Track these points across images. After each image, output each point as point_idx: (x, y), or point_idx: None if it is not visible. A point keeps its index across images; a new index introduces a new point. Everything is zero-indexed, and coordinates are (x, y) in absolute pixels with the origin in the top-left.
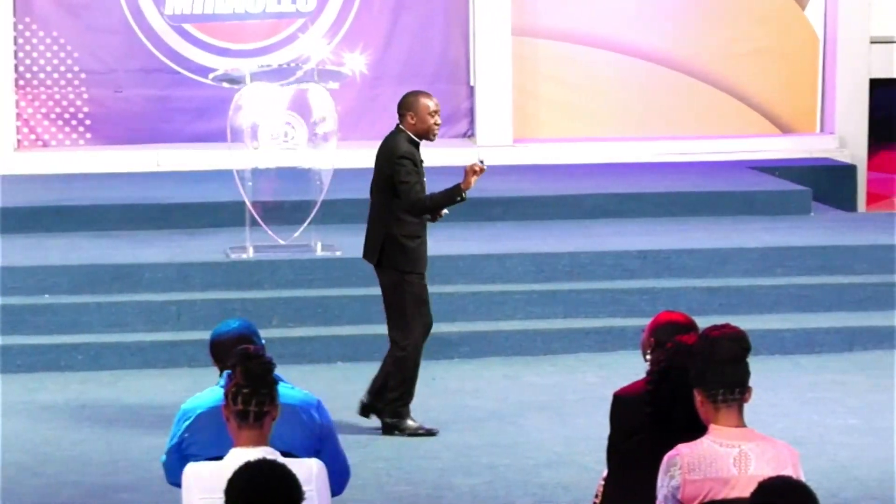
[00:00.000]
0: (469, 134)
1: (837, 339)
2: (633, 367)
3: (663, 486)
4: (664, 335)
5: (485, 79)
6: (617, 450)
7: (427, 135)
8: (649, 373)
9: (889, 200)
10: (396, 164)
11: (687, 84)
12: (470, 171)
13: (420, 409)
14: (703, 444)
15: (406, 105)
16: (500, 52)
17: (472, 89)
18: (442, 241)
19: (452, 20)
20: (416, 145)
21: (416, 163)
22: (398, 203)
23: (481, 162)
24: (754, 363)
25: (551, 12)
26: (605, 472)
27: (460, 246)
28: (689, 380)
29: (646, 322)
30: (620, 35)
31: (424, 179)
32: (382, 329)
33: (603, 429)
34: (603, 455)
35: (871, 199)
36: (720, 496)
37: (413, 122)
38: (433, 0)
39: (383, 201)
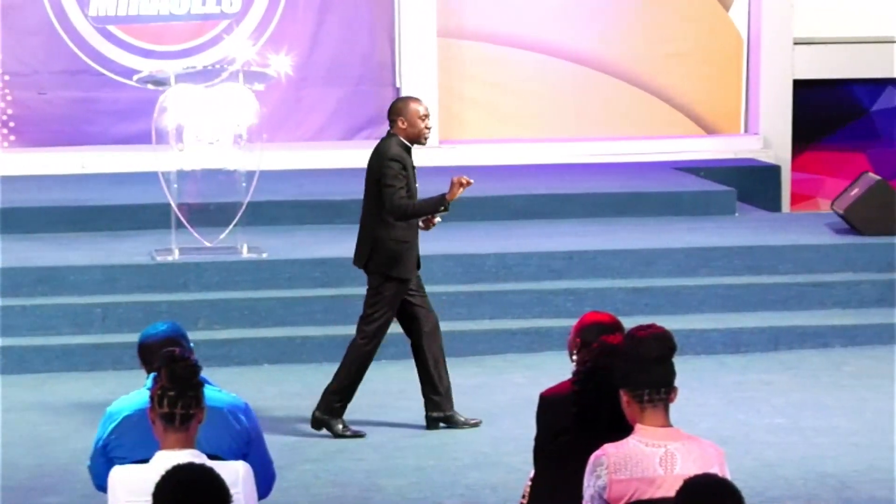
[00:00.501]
0: None
1: (763, 338)
2: (559, 368)
3: (590, 486)
4: (590, 335)
5: (410, 80)
6: (544, 450)
7: (418, 139)
8: (575, 373)
9: (813, 201)
10: (385, 166)
11: (612, 85)
12: (457, 184)
13: (348, 410)
14: (630, 444)
15: (396, 110)
16: (426, 54)
17: (397, 91)
18: None
19: (378, 22)
20: (408, 150)
21: (406, 167)
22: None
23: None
24: (680, 363)
25: (477, 14)
26: (532, 473)
27: None
28: (614, 380)
29: (572, 323)
30: (546, 36)
31: (417, 185)
32: (308, 331)
33: (530, 429)
34: (530, 455)
35: (795, 199)
36: (646, 496)
37: (404, 126)
38: (358, 2)
39: (373, 205)
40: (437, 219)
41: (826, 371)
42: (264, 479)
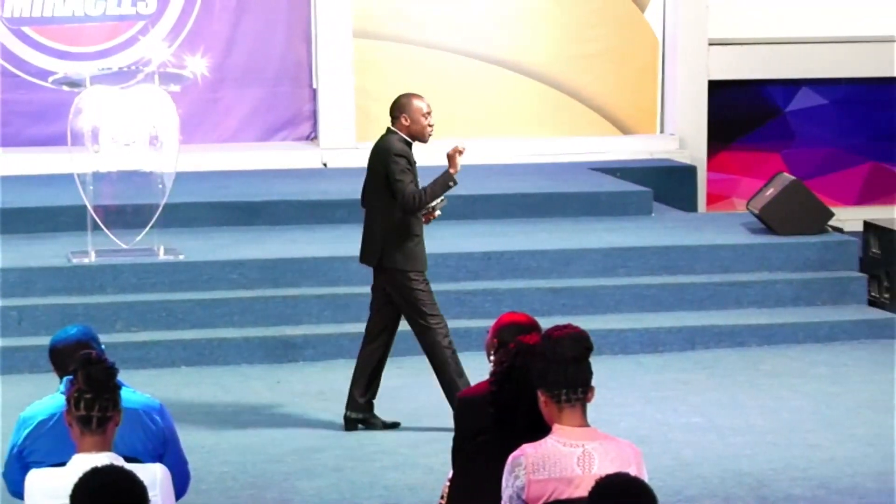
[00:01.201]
0: (312, 136)
1: (679, 338)
2: (478, 369)
3: (508, 486)
4: (507, 336)
5: (327, 81)
6: (462, 451)
7: (421, 136)
8: (492, 374)
9: (728, 201)
10: (391, 162)
11: (528, 86)
12: (454, 155)
13: (265, 412)
14: (548, 444)
15: (399, 107)
16: (342, 55)
17: (314, 92)
18: (286, 243)
19: (294, 23)
20: (409, 146)
21: (411, 162)
22: (395, 203)
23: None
24: (598, 363)
25: (393, 14)
26: (450, 474)
27: (304, 248)
28: (531, 380)
29: (490, 323)
30: (462, 37)
31: (419, 180)
32: (226, 333)
33: (448, 430)
34: (448, 456)
35: (711, 199)
36: (564, 496)
37: (407, 123)
38: (274, 3)
39: (380, 202)
40: (437, 212)
41: (742, 370)
42: (180, 480)
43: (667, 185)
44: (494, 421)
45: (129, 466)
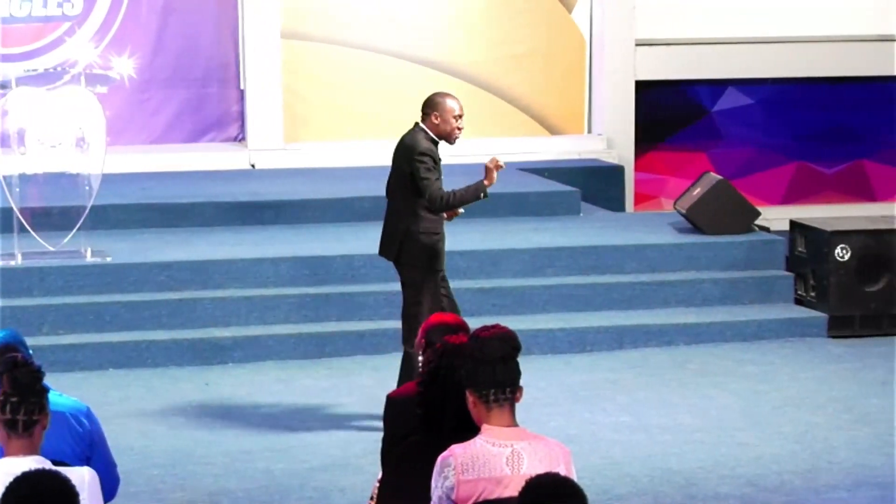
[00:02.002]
0: (240, 137)
1: (608, 337)
2: None
3: (437, 486)
4: (436, 336)
5: (255, 82)
6: (391, 451)
7: (449, 137)
8: (420, 374)
9: (656, 200)
10: (416, 160)
11: (455, 86)
12: (493, 167)
13: (194, 414)
14: (476, 445)
15: (432, 104)
16: (270, 55)
17: (242, 93)
18: (214, 245)
19: (222, 23)
20: (436, 144)
21: (436, 160)
22: (418, 200)
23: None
24: (527, 363)
25: (321, 15)
26: (380, 474)
27: (232, 250)
28: (458, 380)
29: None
30: (390, 38)
31: (443, 178)
32: (154, 335)
33: (378, 431)
34: (378, 457)
35: (639, 199)
36: (494, 496)
37: (437, 122)
38: (202, 3)
39: (403, 198)
40: (461, 210)
41: (670, 369)
42: (109, 483)
43: (595, 185)
44: (422, 421)
45: (57, 470)
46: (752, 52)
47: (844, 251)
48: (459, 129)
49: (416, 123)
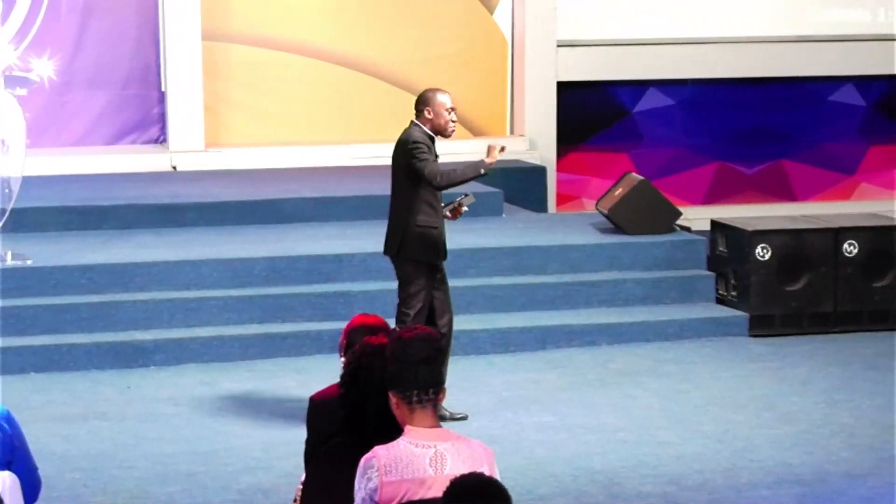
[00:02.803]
0: (161, 140)
1: (531, 338)
2: (330, 371)
3: (361, 488)
4: (357, 338)
5: (176, 84)
6: (314, 453)
7: (443, 131)
8: (342, 376)
9: (578, 201)
10: (411, 148)
11: (378, 88)
12: (494, 147)
13: (116, 417)
14: (400, 446)
15: (424, 101)
16: (191, 57)
17: (163, 94)
18: (135, 247)
19: (142, 25)
20: (431, 139)
21: (430, 148)
22: (416, 193)
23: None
24: (450, 364)
25: (242, 17)
26: (303, 476)
27: (153, 253)
28: (378, 380)
29: (342, 325)
30: (312, 39)
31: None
32: (75, 338)
33: (301, 433)
34: (301, 459)
35: (561, 199)
36: (417, 497)
37: (430, 117)
38: (122, 5)
39: (401, 193)
40: (465, 208)
41: (593, 369)
42: (30, 487)
43: (517, 185)
44: (344, 423)
45: None
46: (673, 52)
47: (765, 251)
48: (453, 122)
49: (412, 121)
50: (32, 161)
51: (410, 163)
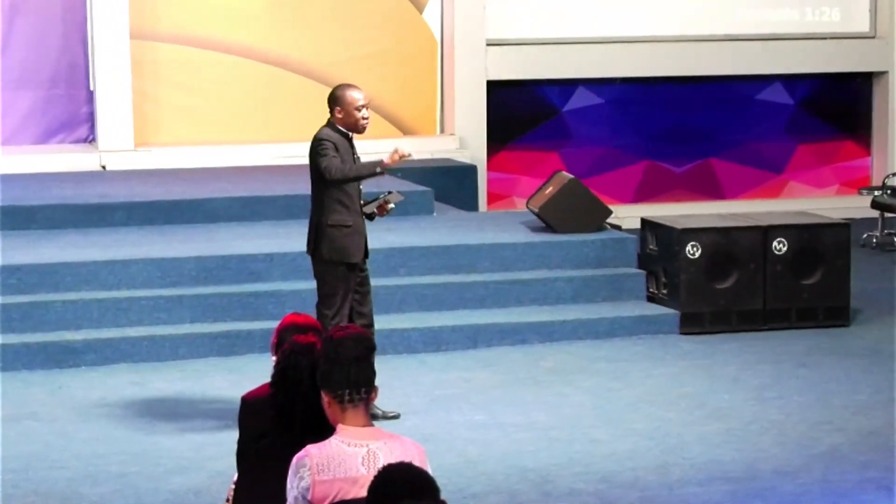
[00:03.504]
0: (90, 139)
1: (462, 336)
2: (261, 371)
3: (293, 487)
4: (288, 337)
5: (104, 83)
6: (246, 453)
7: (355, 128)
8: (272, 375)
9: (508, 199)
10: (316, 146)
11: (307, 87)
12: (396, 153)
13: (46, 418)
14: (332, 445)
15: (333, 99)
16: (119, 56)
17: (91, 94)
18: (64, 247)
19: (70, 24)
20: (346, 136)
21: (337, 147)
22: (327, 192)
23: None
24: (382, 363)
25: (170, 15)
26: (235, 476)
27: (82, 252)
28: (307, 379)
29: (274, 325)
30: (240, 38)
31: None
32: (5, 339)
33: (233, 432)
34: (233, 459)
35: (492, 198)
36: (350, 496)
37: (341, 115)
38: (49, 4)
39: (315, 193)
40: (391, 206)
41: (524, 367)
42: None
43: (448, 184)
44: (275, 422)
45: None
46: (602, 51)
47: (695, 249)
48: (364, 118)
49: (328, 119)
50: None
51: (314, 163)
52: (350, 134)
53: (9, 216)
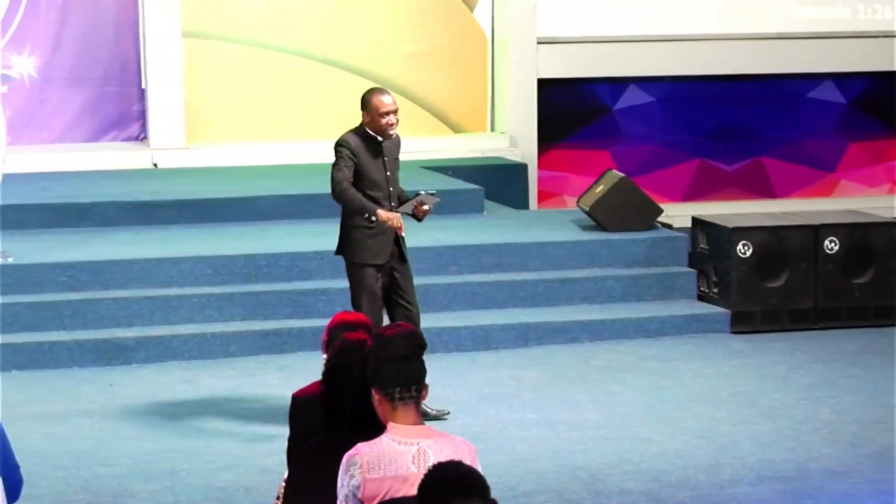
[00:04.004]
0: (142, 137)
1: (512, 335)
2: (312, 368)
3: (344, 485)
4: (338, 335)
5: (156, 81)
6: (297, 451)
7: (381, 133)
8: (323, 373)
9: (559, 198)
10: (334, 150)
11: (358, 84)
12: (394, 218)
13: (97, 415)
14: (382, 443)
15: (363, 103)
16: (171, 54)
17: (143, 92)
18: (116, 245)
19: (122, 22)
20: (370, 138)
21: (355, 152)
22: None
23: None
24: (432, 361)
25: (221, 14)
26: (285, 474)
27: (134, 250)
28: (356, 377)
29: (324, 323)
30: (293, 38)
31: (388, 174)
32: (56, 336)
33: (283, 430)
34: (283, 457)
35: (542, 197)
36: (400, 494)
37: (368, 120)
38: (102, 2)
39: None
40: (426, 207)
41: (575, 366)
42: (12, 485)
43: (498, 183)
44: (325, 420)
45: None
46: (654, 50)
47: (746, 247)
48: (390, 123)
49: (361, 122)
50: (12, 158)
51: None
52: (380, 138)
53: (61, 214)
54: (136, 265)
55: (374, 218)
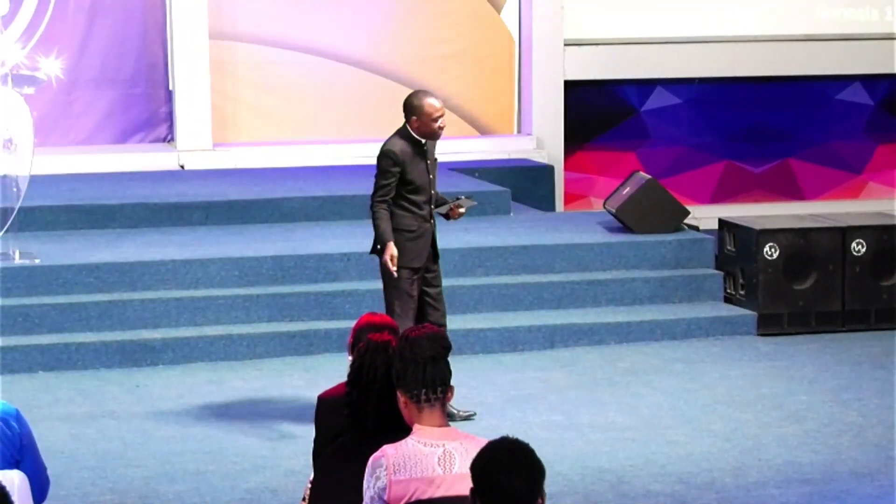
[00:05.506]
0: (169, 139)
1: (538, 336)
2: (338, 370)
3: (370, 487)
4: (364, 336)
5: (183, 83)
6: (322, 452)
7: (431, 136)
8: (348, 374)
9: (586, 200)
10: (380, 159)
11: (385, 86)
12: (393, 259)
13: (124, 416)
14: (408, 445)
15: (410, 108)
16: (198, 56)
17: (170, 93)
18: (142, 246)
19: (149, 23)
20: (416, 143)
21: (399, 161)
22: (395, 195)
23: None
24: (458, 362)
25: (249, 15)
26: (311, 475)
27: (160, 251)
28: (381, 378)
29: (350, 324)
30: (319, 38)
31: (432, 177)
32: (83, 337)
33: (310, 431)
34: (309, 458)
35: (569, 198)
36: (426, 496)
37: (417, 125)
38: (129, 3)
39: None
40: (462, 209)
41: (601, 368)
42: (38, 486)
43: (525, 184)
44: (350, 421)
45: None
46: (681, 51)
47: (773, 250)
48: (441, 127)
49: (403, 124)
50: (40, 160)
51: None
52: (424, 141)
53: (88, 215)
54: (162, 266)
55: (379, 248)
